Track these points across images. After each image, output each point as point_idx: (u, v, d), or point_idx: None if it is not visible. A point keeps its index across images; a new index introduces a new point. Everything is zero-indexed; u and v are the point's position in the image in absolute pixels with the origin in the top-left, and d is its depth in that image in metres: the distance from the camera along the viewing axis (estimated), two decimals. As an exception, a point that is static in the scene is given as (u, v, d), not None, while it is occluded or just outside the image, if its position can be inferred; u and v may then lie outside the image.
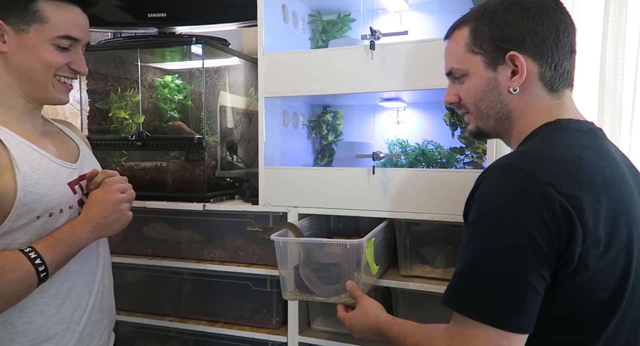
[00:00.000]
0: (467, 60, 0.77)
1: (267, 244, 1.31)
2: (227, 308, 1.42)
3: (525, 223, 0.62)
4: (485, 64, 0.76)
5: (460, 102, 0.82)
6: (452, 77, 0.82)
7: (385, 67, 1.17)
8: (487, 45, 0.75)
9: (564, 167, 0.65)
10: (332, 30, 1.59)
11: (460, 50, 0.78)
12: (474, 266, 0.66)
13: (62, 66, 0.87)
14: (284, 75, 1.28)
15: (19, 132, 0.84)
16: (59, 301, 0.88)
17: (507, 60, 0.73)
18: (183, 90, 1.52)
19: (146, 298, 1.51)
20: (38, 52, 0.84)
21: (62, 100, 0.90)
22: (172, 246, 1.46)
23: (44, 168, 0.85)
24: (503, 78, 0.75)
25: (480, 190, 0.69)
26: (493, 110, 0.78)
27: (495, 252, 0.64)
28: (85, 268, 0.93)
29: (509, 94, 0.75)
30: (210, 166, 1.46)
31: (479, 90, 0.77)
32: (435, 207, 1.15)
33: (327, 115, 1.64)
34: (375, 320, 0.87)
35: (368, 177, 1.20)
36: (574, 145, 0.69)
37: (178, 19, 1.56)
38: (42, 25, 0.83)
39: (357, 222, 1.42)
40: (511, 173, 0.66)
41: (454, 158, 1.31)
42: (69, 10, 0.86)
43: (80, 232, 0.84)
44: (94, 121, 1.56)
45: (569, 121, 0.73)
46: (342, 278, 1.06)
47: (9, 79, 0.85)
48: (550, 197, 0.62)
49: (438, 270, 1.22)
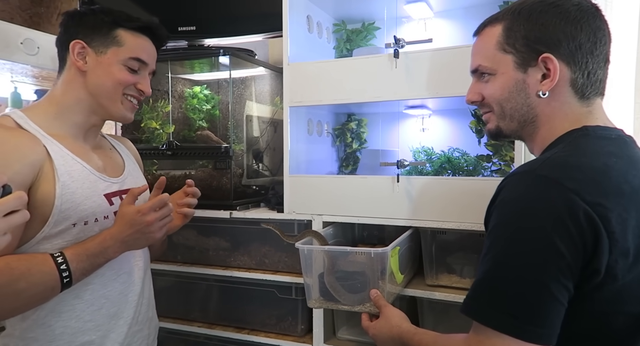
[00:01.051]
0: (497, 58, 0.75)
1: (292, 251, 1.32)
2: (254, 315, 1.43)
3: (547, 231, 0.60)
4: (516, 64, 0.73)
5: (483, 101, 0.79)
6: (477, 74, 0.80)
7: (410, 75, 1.17)
8: (521, 45, 0.72)
9: (589, 174, 0.63)
10: (356, 39, 1.60)
11: (491, 47, 0.75)
12: (494, 274, 0.64)
13: (129, 85, 0.96)
14: (309, 85, 1.29)
15: (69, 145, 0.91)
16: (95, 308, 0.92)
17: (540, 63, 0.71)
18: (211, 100, 1.56)
19: (175, 304, 1.54)
20: (111, 71, 0.94)
21: (127, 116, 0.99)
22: (200, 253, 1.50)
23: (82, 179, 0.90)
24: (533, 81, 0.72)
25: (501, 196, 0.67)
26: (518, 113, 0.75)
27: (516, 261, 0.62)
28: (122, 279, 0.97)
29: (537, 98, 0.73)
30: (236, 174, 1.49)
31: (505, 90, 0.75)
32: (461, 216, 1.13)
33: (351, 123, 1.64)
34: (399, 330, 0.86)
35: (392, 185, 1.20)
36: (601, 152, 0.67)
37: (207, 31, 1.61)
38: (118, 48, 0.94)
39: (382, 230, 1.41)
40: (534, 180, 0.64)
41: (480, 166, 1.29)
42: (141, 38, 0.98)
43: (109, 246, 0.88)
44: (127, 131, 1.62)
45: (596, 128, 0.71)
46: (366, 287, 1.05)
47: (81, 95, 0.94)
48: (575, 205, 0.60)
49: (465, 279, 1.20)
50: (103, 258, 0.88)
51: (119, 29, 0.95)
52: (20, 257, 0.81)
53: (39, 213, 0.83)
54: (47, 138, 0.88)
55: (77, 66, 0.93)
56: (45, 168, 0.85)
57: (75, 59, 0.92)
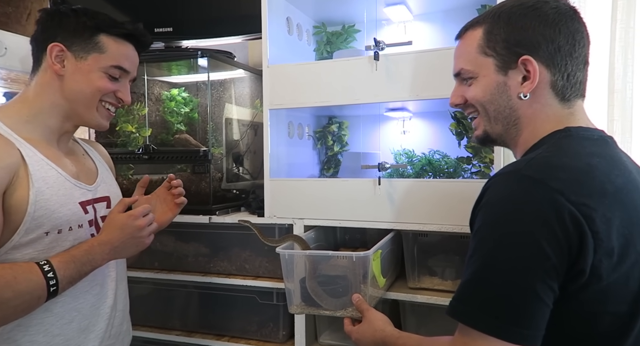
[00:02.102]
0: (479, 62, 0.76)
1: (273, 256, 1.29)
2: (234, 322, 1.40)
3: (533, 232, 0.60)
4: (497, 67, 0.74)
5: (467, 103, 0.80)
6: (460, 78, 0.81)
7: (390, 77, 1.17)
8: (501, 48, 0.73)
9: (573, 174, 0.64)
10: (336, 41, 1.59)
11: (472, 51, 0.76)
12: (479, 276, 0.64)
13: (109, 92, 0.94)
14: (289, 87, 1.28)
15: (43, 150, 0.87)
16: (64, 322, 0.88)
17: (520, 65, 0.72)
18: (190, 103, 1.53)
19: (153, 312, 1.50)
20: (91, 78, 0.91)
21: (102, 124, 0.96)
22: (179, 259, 1.46)
23: (58, 185, 0.87)
24: (514, 83, 0.73)
25: (486, 197, 0.67)
26: (501, 115, 0.76)
27: (502, 262, 0.62)
28: (94, 290, 0.94)
29: (518, 100, 0.73)
30: (216, 178, 1.46)
31: (487, 92, 0.75)
32: (442, 218, 1.13)
33: (332, 125, 1.63)
34: (382, 334, 0.86)
35: (374, 187, 1.19)
36: (583, 152, 0.68)
37: (184, 33, 1.58)
38: (99, 54, 0.91)
39: (364, 233, 1.40)
40: (519, 180, 0.64)
41: (461, 168, 1.30)
42: (124, 45, 0.95)
43: (97, 253, 0.86)
44: (102, 135, 1.57)
45: (578, 129, 0.72)
46: (348, 291, 1.04)
47: (56, 99, 0.90)
48: (560, 205, 0.60)
49: (447, 282, 1.20)
50: (90, 266, 0.85)
51: (101, 35, 0.91)
52: (3, 265, 0.77)
53: (11, 220, 0.80)
54: (21, 142, 0.84)
55: (54, 70, 0.89)
56: (20, 173, 0.81)
57: (52, 62, 0.89)
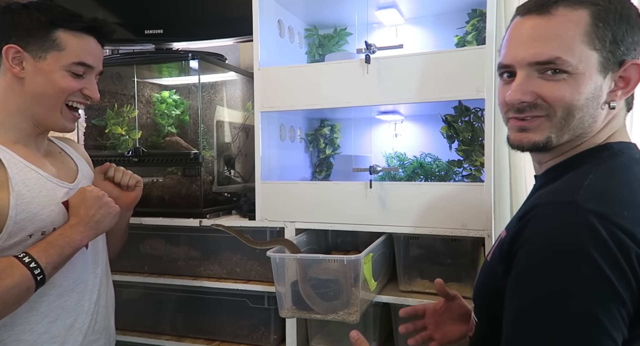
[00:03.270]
0: (582, 54, 0.60)
1: (264, 260, 1.29)
2: (225, 326, 1.39)
3: (605, 275, 0.52)
4: (601, 65, 0.60)
5: (537, 101, 0.63)
6: (541, 67, 0.62)
7: (381, 80, 1.17)
8: (610, 42, 0.60)
9: (635, 211, 0.56)
10: (328, 44, 1.59)
11: (576, 37, 0.60)
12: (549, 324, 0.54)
13: (75, 91, 0.89)
14: (280, 90, 1.27)
15: (20, 152, 0.86)
16: (50, 320, 0.87)
17: (620, 69, 0.61)
18: (180, 105, 1.52)
19: (142, 317, 1.48)
20: (53, 78, 0.86)
21: (68, 127, 0.92)
22: (169, 263, 1.44)
23: (39, 187, 0.86)
24: (606, 88, 0.62)
25: (534, 230, 0.56)
26: (582, 125, 0.62)
27: (569, 311, 0.53)
28: (79, 288, 0.93)
29: (601, 109, 0.62)
30: (206, 181, 1.45)
31: (583, 95, 0.61)
32: (434, 221, 1.13)
33: (324, 128, 1.63)
34: None
35: (365, 190, 1.19)
36: (635, 180, 0.60)
37: (175, 35, 1.57)
38: (59, 52, 0.86)
39: (356, 236, 1.40)
40: (578, 213, 0.54)
41: (452, 171, 1.30)
42: (85, 39, 0.89)
43: (72, 233, 0.85)
44: (91, 137, 1.55)
45: (620, 145, 0.64)
46: (340, 295, 1.04)
47: (21, 103, 0.87)
48: (627, 248, 0.53)
49: (438, 285, 1.20)
50: (71, 247, 0.84)
51: (58, 31, 0.85)
52: None
53: None
54: None
55: (13, 73, 0.85)
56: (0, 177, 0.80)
57: (10, 65, 0.84)
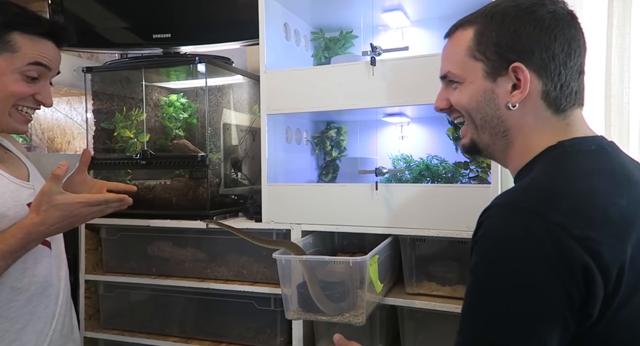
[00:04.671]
0: (467, 66, 0.70)
1: (271, 262, 1.29)
2: (231, 328, 1.40)
3: (532, 270, 0.54)
4: (485, 73, 0.69)
5: (452, 108, 0.75)
6: (446, 80, 0.75)
7: (387, 82, 1.17)
8: (492, 52, 0.67)
9: (572, 202, 0.57)
10: (334, 47, 1.60)
11: (461, 53, 0.71)
12: (480, 325, 0.58)
13: (26, 96, 0.86)
14: (286, 92, 1.28)
15: None
16: (19, 327, 0.85)
17: (510, 72, 0.66)
18: (188, 109, 1.53)
19: (150, 318, 1.49)
20: (4, 81, 0.83)
21: (19, 129, 0.89)
22: (176, 264, 1.45)
23: (3, 188, 0.84)
24: (502, 91, 0.68)
25: (482, 230, 0.61)
26: (489, 124, 0.70)
27: (500, 309, 0.56)
28: (47, 292, 0.91)
29: (507, 110, 0.68)
30: (213, 184, 1.46)
31: (473, 99, 0.70)
32: (440, 223, 1.13)
33: (330, 131, 1.64)
34: None
35: (371, 192, 1.19)
36: (580, 172, 0.62)
37: (182, 38, 1.59)
38: (12, 54, 0.82)
39: (362, 238, 1.40)
40: (514, 213, 0.58)
41: (459, 173, 1.29)
42: (42, 43, 0.86)
43: (33, 240, 0.81)
44: (99, 140, 1.57)
45: (572, 142, 0.66)
46: (346, 297, 1.04)
47: None
48: (561, 243, 0.54)
49: (445, 287, 1.19)
50: (25, 251, 0.81)
51: (14, 33, 0.82)
52: None
53: None
54: None
55: None
56: None
57: None
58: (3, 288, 0.83)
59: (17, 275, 0.85)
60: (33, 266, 0.88)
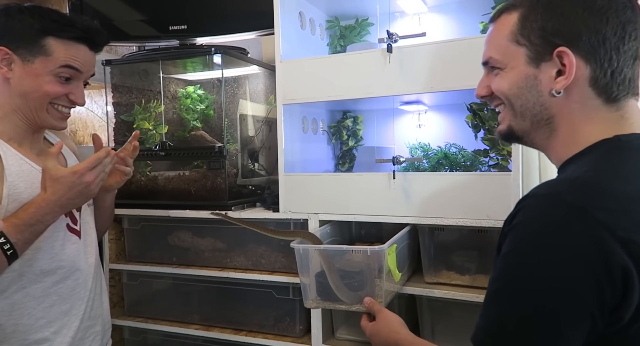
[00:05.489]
0: (509, 51, 0.67)
1: (288, 251, 1.30)
2: (251, 316, 1.42)
3: (568, 272, 0.53)
4: (528, 58, 0.66)
5: (492, 95, 0.73)
6: (488, 66, 0.73)
7: (404, 69, 1.15)
8: (536, 36, 0.64)
9: (623, 203, 0.55)
10: (350, 35, 1.58)
11: (504, 38, 0.68)
12: (508, 312, 0.58)
13: (59, 96, 0.92)
14: (302, 82, 1.28)
15: (16, 147, 0.91)
16: (46, 305, 0.92)
17: (555, 57, 0.63)
18: (205, 100, 1.54)
19: (172, 307, 1.52)
20: (39, 81, 0.89)
21: (57, 126, 0.96)
22: (196, 254, 1.48)
23: (32, 179, 0.90)
24: (546, 77, 0.65)
25: (519, 219, 0.59)
26: (530, 112, 0.67)
27: (530, 300, 0.56)
28: (74, 276, 0.97)
29: (550, 97, 0.65)
30: (231, 174, 1.47)
31: (514, 85, 0.68)
32: (459, 212, 1.11)
33: (347, 120, 1.63)
34: (396, 336, 0.84)
35: (389, 181, 1.18)
36: (637, 172, 0.59)
37: (198, 30, 1.59)
38: (46, 57, 0.89)
39: (380, 228, 1.39)
40: (557, 206, 0.56)
41: (478, 161, 1.27)
42: (75, 47, 0.92)
43: (46, 213, 0.85)
44: (120, 133, 1.60)
45: (630, 137, 0.62)
46: (364, 286, 1.04)
47: (11, 102, 0.91)
48: (604, 243, 0.52)
49: (465, 276, 1.18)
50: (42, 225, 0.86)
51: (48, 38, 0.89)
52: None
53: None
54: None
55: (1, 73, 0.89)
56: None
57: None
58: (33, 271, 0.90)
59: (45, 259, 0.92)
60: (61, 252, 0.94)
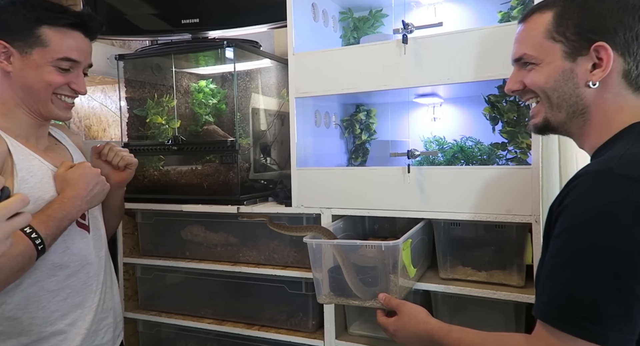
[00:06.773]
0: (545, 47, 0.72)
1: (301, 246, 1.29)
2: (264, 311, 1.41)
3: (631, 234, 0.57)
4: (565, 53, 0.71)
5: (525, 89, 0.77)
6: (520, 63, 0.77)
7: (419, 61, 1.12)
8: (572, 33, 0.70)
9: None
10: (363, 27, 1.55)
11: (538, 35, 0.73)
12: (573, 280, 0.60)
13: (61, 85, 0.93)
14: (315, 75, 1.26)
15: (24, 143, 0.92)
16: (60, 299, 0.94)
17: (592, 52, 0.68)
18: (217, 94, 1.54)
19: (185, 301, 1.53)
20: (39, 72, 0.91)
21: (62, 116, 0.97)
22: (209, 249, 1.48)
23: (42, 173, 0.91)
24: (582, 70, 0.70)
25: (572, 197, 0.62)
26: (566, 103, 0.72)
27: (598, 265, 0.59)
28: (85, 269, 0.99)
29: (586, 88, 0.70)
30: (243, 168, 1.46)
31: (551, 79, 0.72)
32: (476, 207, 1.09)
33: (360, 114, 1.60)
34: (426, 327, 0.82)
35: (403, 176, 1.16)
36: None
37: (210, 23, 1.58)
38: (44, 48, 0.90)
39: (394, 222, 1.37)
40: (611, 180, 0.60)
41: (495, 155, 1.24)
42: (70, 35, 0.92)
43: (70, 207, 0.89)
44: (133, 127, 1.60)
45: None
46: (378, 282, 1.02)
47: (14, 95, 0.92)
48: None
49: (481, 272, 1.16)
50: (67, 220, 0.89)
51: (43, 27, 0.89)
52: None
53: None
54: (5, 134, 0.89)
55: (1, 67, 0.90)
56: (7, 162, 0.86)
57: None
58: (46, 264, 0.92)
59: (58, 253, 0.93)
60: (72, 246, 0.96)
